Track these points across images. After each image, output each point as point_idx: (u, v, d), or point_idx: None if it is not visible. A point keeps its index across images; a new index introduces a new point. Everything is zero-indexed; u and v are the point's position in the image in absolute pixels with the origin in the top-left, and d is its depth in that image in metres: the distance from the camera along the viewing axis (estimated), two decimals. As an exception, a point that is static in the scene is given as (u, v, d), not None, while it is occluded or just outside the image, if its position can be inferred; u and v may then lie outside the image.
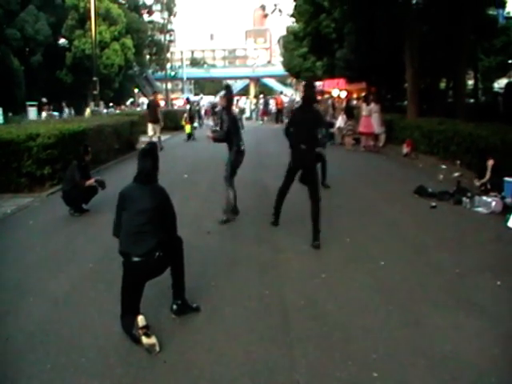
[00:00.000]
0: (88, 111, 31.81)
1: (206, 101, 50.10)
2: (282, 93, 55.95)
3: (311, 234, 7.86)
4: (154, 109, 21.69)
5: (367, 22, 24.28)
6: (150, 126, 21.27)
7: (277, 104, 41.47)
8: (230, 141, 9.14)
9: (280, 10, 27.92)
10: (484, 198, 10.27)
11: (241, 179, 10.69)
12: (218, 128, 9.99)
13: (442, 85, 30.61)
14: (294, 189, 8.53)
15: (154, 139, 19.87)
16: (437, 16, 22.48)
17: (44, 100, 37.71)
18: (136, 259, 4.83)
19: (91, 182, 9.99)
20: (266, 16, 31.51)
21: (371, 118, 20.70)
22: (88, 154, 10.12)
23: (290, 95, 57.80)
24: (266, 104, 44.09)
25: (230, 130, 9.03)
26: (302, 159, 8.08)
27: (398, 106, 27.83)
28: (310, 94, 8.55)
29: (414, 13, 21.28)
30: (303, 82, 45.08)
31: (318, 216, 7.88)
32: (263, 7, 31.51)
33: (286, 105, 41.20)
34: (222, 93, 10.02)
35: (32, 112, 36.40)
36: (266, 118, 42.57)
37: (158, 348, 4.65)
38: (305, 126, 8.06)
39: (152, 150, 5.38)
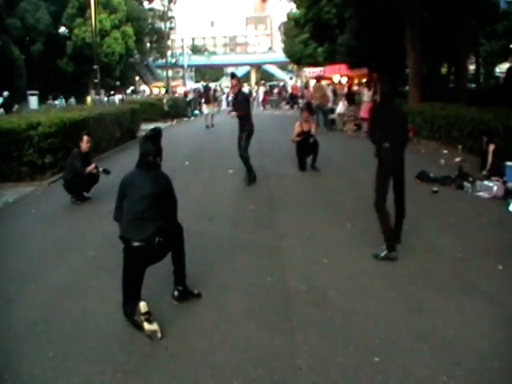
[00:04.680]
0: (89, 100, 31.91)
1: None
2: (291, 78, 56.61)
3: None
4: (207, 93, 28.39)
5: (368, 6, 24.13)
6: (205, 106, 28.43)
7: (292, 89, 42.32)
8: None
9: None
10: (486, 182, 10.24)
11: (242, 165, 10.71)
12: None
13: (444, 70, 30.47)
14: (295, 174, 8.51)
15: (209, 117, 26.47)
16: (437, 1, 22.32)
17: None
18: (136, 244, 4.81)
19: (91, 167, 9.97)
20: (265, 0, 31.82)
21: (372, 104, 20.64)
22: (82, 141, 10.01)
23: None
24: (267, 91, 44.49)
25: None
26: (395, 160, 7.07)
27: (400, 91, 27.72)
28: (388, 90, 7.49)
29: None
30: (305, 70, 45.30)
31: (403, 219, 7.16)
32: None
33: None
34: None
35: (33, 101, 36.25)
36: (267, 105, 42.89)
37: (159, 334, 4.65)
38: (392, 124, 7.18)
39: (154, 136, 5.33)
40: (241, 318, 5.08)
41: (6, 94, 30.15)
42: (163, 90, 51.13)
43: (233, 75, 12.02)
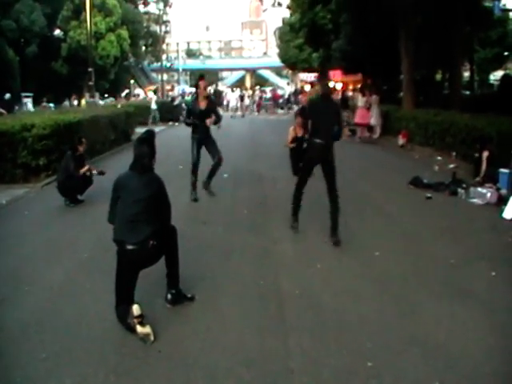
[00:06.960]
0: (83, 103, 31.89)
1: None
2: (288, 84, 57.81)
3: (329, 229, 7.67)
4: (219, 96, 32.80)
5: (362, 12, 24.20)
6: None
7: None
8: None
9: (280, 4, 28.29)
10: (479, 189, 10.28)
11: (237, 169, 10.70)
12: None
13: (439, 76, 30.60)
14: (288, 178, 8.50)
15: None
16: (432, 6, 22.43)
17: None
18: (130, 247, 4.80)
19: (85, 169, 9.95)
20: (265, 10, 32.44)
21: (366, 110, 20.77)
22: (82, 145, 10.05)
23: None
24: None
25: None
26: (322, 152, 7.67)
27: (394, 97, 27.84)
28: (328, 88, 8.35)
29: (409, 3, 21.22)
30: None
31: (338, 211, 7.65)
32: (262, 1, 31.92)
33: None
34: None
35: (28, 104, 36.12)
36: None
37: (152, 337, 4.64)
38: (325, 120, 7.62)
39: (149, 138, 5.31)
40: (234, 321, 5.08)
41: (8, 96, 30.18)
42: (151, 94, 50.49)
43: (201, 76, 10.50)
